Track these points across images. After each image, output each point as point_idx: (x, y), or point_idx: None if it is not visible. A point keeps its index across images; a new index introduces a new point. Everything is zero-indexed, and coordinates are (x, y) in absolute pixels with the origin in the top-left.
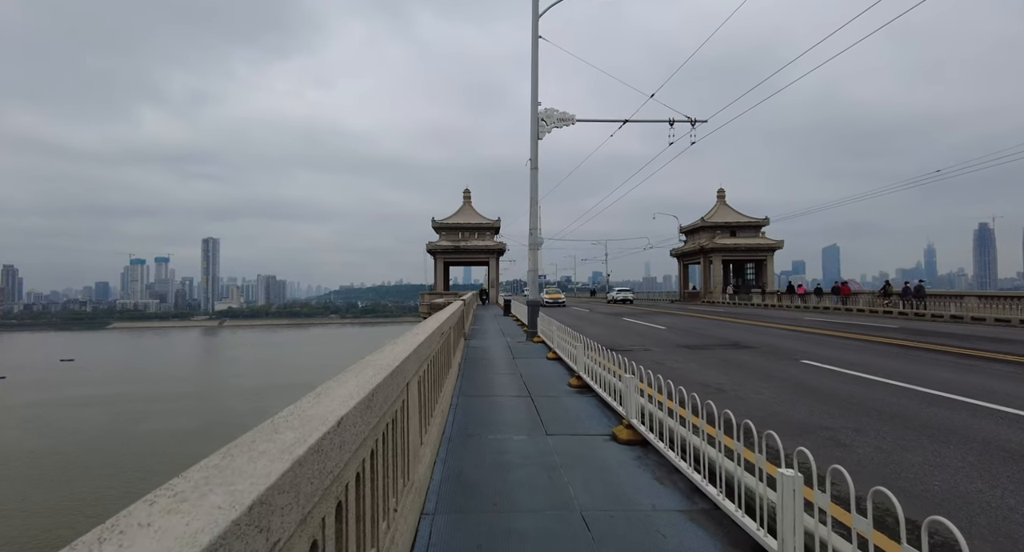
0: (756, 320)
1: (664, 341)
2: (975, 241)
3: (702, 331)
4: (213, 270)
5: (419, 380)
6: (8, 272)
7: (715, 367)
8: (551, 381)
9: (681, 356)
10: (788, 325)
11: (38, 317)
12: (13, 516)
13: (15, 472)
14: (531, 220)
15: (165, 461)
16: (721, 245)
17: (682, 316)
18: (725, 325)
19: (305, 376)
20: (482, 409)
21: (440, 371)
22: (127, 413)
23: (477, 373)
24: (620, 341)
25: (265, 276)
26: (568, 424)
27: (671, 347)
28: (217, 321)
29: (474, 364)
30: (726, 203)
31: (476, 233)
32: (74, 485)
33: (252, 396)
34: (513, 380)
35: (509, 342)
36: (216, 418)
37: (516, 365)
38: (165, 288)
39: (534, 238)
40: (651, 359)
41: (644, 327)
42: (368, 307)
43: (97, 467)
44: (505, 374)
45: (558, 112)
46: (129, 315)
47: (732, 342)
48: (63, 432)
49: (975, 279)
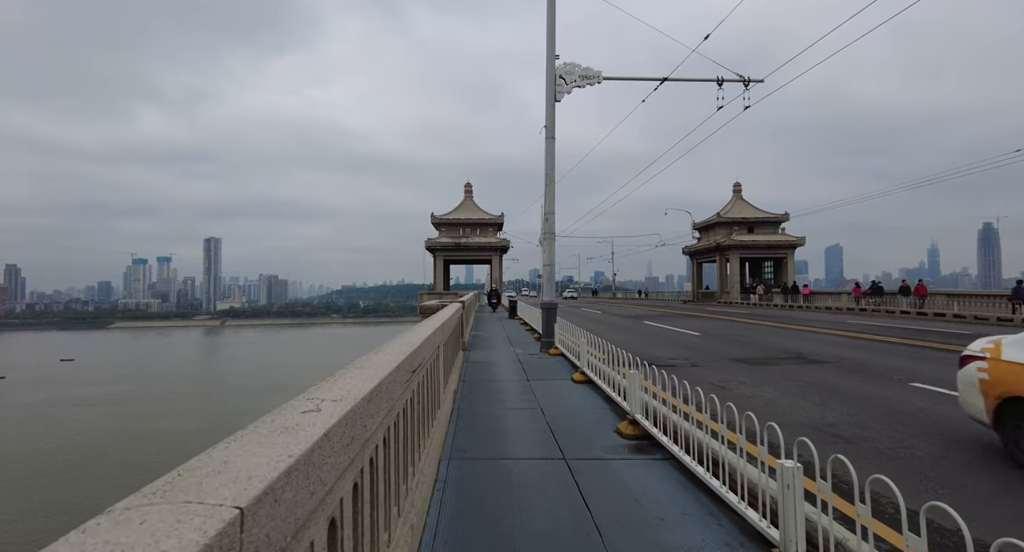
0: (793, 323)
1: (708, 352)
2: (979, 240)
3: (745, 337)
4: (215, 270)
5: (358, 483)
6: (11, 271)
7: (800, 393)
8: (588, 425)
9: (743, 375)
10: (838, 330)
11: (40, 317)
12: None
13: (12, 475)
14: (546, 202)
15: (171, 462)
16: (739, 242)
17: (708, 318)
18: (764, 330)
19: (306, 375)
20: (489, 494)
21: (416, 430)
22: (126, 413)
23: (479, 407)
24: (654, 351)
25: (267, 276)
26: (652, 535)
27: (722, 361)
28: (219, 321)
29: (475, 391)
30: (742, 198)
31: (478, 229)
32: (66, 491)
33: (251, 398)
34: (532, 422)
35: (519, 354)
36: (219, 420)
37: (533, 392)
38: (167, 288)
39: (550, 225)
40: (706, 379)
41: (673, 333)
42: (370, 307)
43: (97, 469)
44: (519, 408)
45: (580, 67)
46: (131, 315)
47: (794, 354)
48: (62, 433)
49: (979, 279)
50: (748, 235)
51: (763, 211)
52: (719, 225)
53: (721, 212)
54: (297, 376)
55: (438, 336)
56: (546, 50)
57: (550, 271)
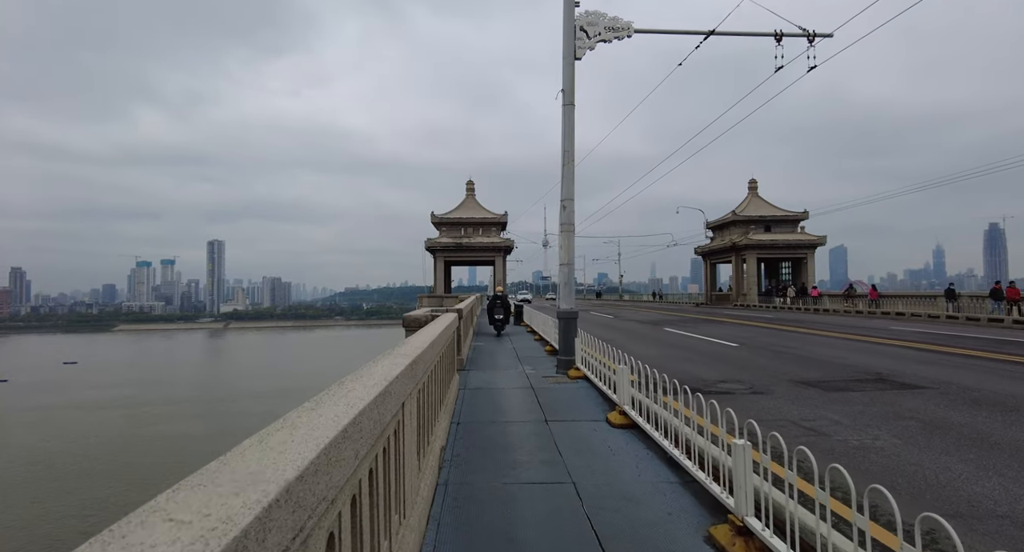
0: (834, 330)
1: (761, 371)
2: (985, 241)
3: (793, 349)
4: (218, 272)
5: None
6: (16, 274)
7: (934, 443)
8: (656, 522)
9: (827, 408)
10: (895, 339)
11: (44, 319)
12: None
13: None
14: (563, 185)
15: (177, 466)
16: (757, 241)
17: (736, 325)
18: (809, 339)
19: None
20: None
21: None
22: (127, 417)
23: (479, 484)
24: (694, 369)
25: (270, 278)
26: None
27: (784, 384)
28: (222, 323)
29: (473, 443)
30: (758, 195)
31: (480, 229)
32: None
33: (252, 399)
34: (564, 516)
35: (530, 376)
36: (223, 422)
37: (556, 444)
38: (171, 290)
39: (568, 214)
40: (784, 416)
41: (705, 343)
42: (373, 309)
43: (96, 475)
44: (539, 482)
45: (607, 17)
46: (135, 317)
47: (872, 374)
48: (63, 438)
49: (985, 280)
50: (766, 234)
51: (780, 209)
52: (735, 223)
53: (737, 210)
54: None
55: (403, 385)
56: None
57: (568, 271)
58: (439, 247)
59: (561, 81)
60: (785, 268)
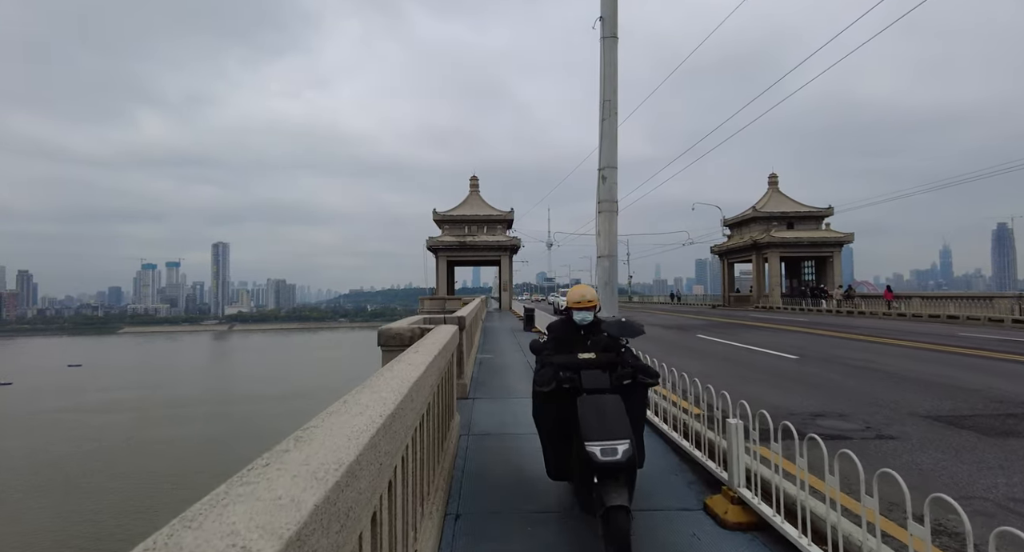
0: (897, 337)
1: (861, 398)
2: (993, 241)
3: (872, 363)
4: (223, 274)
5: None
6: (23, 277)
7: None
8: None
9: (1000, 470)
10: (979, 349)
11: (51, 322)
12: None
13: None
14: (602, 149)
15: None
16: (779, 239)
17: (773, 329)
18: (875, 348)
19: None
20: None
21: None
22: (128, 420)
23: None
24: (766, 395)
25: (275, 280)
26: None
27: (912, 421)
28: (227, 325)
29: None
30: (779, 190)
31: (485, 227)
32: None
33: (252, 401)
34: None
35: None
36: (225, 425)
37: None
38: (176, 293)
39: (608, 188)
40: (963, 484)
41: (757, 355)
42: (377, 311)
43: (93, 481)
44: None
45: None
46: (140, 320)
47: (1018, 403)
48: (64, 440)
49: (993, 280)
50: (789, 231)
51: (803, 205)
52: (755, 220)
53: (757, 206)
54: (302, 381)
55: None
56: None
57: (610, 266)
58: (441, 246)
59: (600, 7)
60: (808, 267)
